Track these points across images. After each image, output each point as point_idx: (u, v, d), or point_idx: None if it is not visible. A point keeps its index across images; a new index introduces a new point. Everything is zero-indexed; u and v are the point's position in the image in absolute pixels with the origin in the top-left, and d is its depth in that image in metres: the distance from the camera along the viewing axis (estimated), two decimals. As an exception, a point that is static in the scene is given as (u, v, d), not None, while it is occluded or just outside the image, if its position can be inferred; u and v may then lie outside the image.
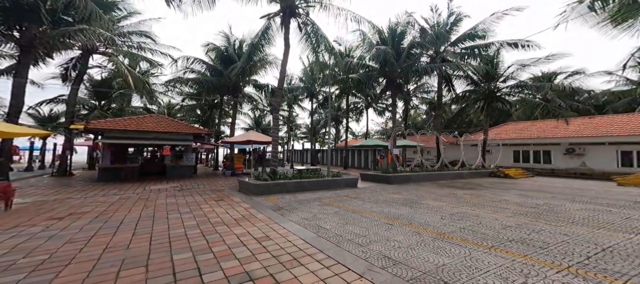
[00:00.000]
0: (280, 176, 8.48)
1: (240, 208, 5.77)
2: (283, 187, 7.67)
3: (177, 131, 12.05)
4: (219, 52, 14.38)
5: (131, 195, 7.49)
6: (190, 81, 13.19)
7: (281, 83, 8.93)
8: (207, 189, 8.81)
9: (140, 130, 11.02)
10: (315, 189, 8.17)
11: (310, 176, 8.67)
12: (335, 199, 6.79)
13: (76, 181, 10.66)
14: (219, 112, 19.37)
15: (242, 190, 8.36)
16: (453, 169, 11.55)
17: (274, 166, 8.52)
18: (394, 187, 8.91)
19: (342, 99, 25.17)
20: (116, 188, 8.76)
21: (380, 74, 11.32)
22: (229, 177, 12.55)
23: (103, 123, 10.63)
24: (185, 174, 12.71)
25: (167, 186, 9.54)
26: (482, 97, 13.23)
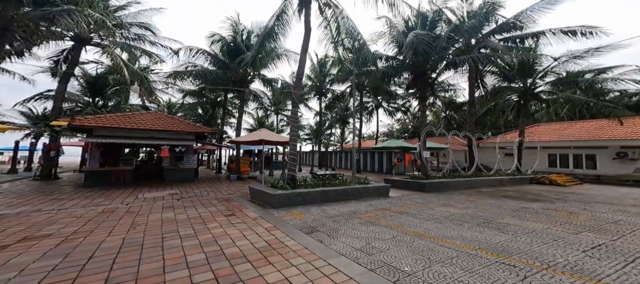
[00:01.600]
0: (300, 183, 7.05)
1: (260, 229, 4.33)
2: (306, 198, 6.24)
3: (178, 129, 10.64)
4: (225, 43, 13.03)
5: (118, 206, 6.04)
6: (193, 73, 11.80)
7: (301, 71, 7.57)
8: (212, 198, 7.37)
9: (135, 128, 9.61)
10: (343, 199, 6.74)
11: (335, 183, 7.24)
12: (376, 214, 5.36)
13: (59, 187, 9.20)
14: (223, 110, 17.99)
15: (254, 199, 6.92)
16: (488, 175, 10.13)
17: (293, 171, 7.10)
18: (434, 197, 7.47)
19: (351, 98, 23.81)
20: (103, 196, 7.30)
21: (408, 67, 9.96)
22: (235, 182, 11.10)
23: (91, 119, 9.22)
24: (185, 178, 11.25)
25: (164, 193, 8.09)
26: (518, 94, 11.87)
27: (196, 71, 11.59)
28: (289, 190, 6.31)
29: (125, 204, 6.36)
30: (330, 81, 22.33)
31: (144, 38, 13.76)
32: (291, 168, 7.15)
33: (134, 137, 9.56)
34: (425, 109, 9.92)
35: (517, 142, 11.70)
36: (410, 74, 10.24)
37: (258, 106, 25.93)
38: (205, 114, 22.21)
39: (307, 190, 6.39)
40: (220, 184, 10.46)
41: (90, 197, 7.10)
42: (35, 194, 7.62)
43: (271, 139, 7.61)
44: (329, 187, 6.80)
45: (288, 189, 6.39)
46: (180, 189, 8.90)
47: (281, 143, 9.00)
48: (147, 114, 11.81)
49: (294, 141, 7.35)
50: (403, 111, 22.89)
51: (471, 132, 10.38)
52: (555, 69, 11.25)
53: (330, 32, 9.63)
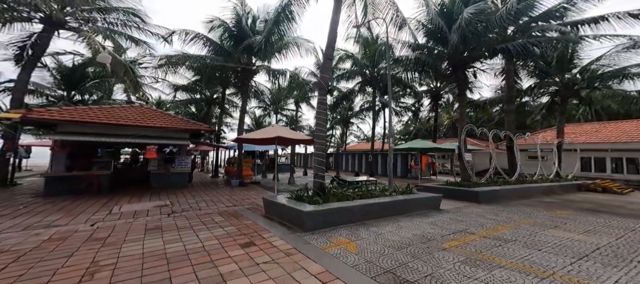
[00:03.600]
0: (333, 193, 5.40)
1: (304, 275, 2.65)
2: (346, 215, 4.58)
3: (168, 126, 8.77)
4: (226, 28, 11.26)
5: (78, 228, 4.18)
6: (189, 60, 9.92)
7: (331, 50, 5.99)
8: (214, 212, 5.59)
9: (113, 123, 7.68)
10: (389, 214, 5.13)
11: (374, 193, 5.63)
12: (464, 243, 3.75)
13: (12, 196, 7.11)
14: (221, 107, 16.10)
15: (271, 215, 5.21)
16: (534, 181, 8.78)
17: (321, 177, 5.44)
18: (500, 210, 5.92)
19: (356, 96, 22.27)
20: (62, 210, 5.37)
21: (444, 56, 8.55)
22: (237, 189, 9.30)
23: (54, 112, 7.24)
24: (177, 184, 9.33)
25: (150, 204, 6.22)
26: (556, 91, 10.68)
27: (193, 56, 9.74)
28: (322, 204, 4.64)
29: (91, 223, 4.49)
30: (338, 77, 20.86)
31: (130, 24, 11.82)
32: (318, 173, 5.49)
33: (111, 135, 7.63)
34: (464, 104, 8.53)
35: (556, 143, 10.52)
36: (448, 64, 8.83)
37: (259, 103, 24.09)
38: (200, 112, 20.17)
39: (347, 204, 4.73)
40: (220, 192, 8.63)
41: (44, 213, 5.16)
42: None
43: (290, 137, 5.99)
44: (371, 200, 5.18)
45: (319, 202, 4.72)
46: (171, 199, 7.04)
47: (303, 142, 7.37)
48: (130, 108, 9.85)
49: (322, 139, 5.72)
50: (413, 110, 21.66)
51: (511, 131, 9.07)
52: (603, 62, 10.15)
53: (354, 13, 8.17)
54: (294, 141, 7.03)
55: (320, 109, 5.82)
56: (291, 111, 27.08)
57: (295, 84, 13.49)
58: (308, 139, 7.00)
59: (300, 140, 6.93)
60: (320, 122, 5.70)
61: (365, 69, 17.97)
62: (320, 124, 5.71)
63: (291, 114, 26.30)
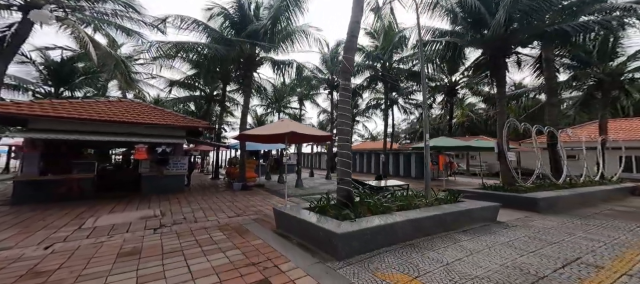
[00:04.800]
0: (363, 202, 4.23)
1: None
2: (388, 234, 3.40)
3: (160, 122, 7.64)
4: (227, 16, 10.14)
5: (26, 253, 3.03)
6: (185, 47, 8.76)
7: (356, 26, 4.84)
8: (213, 226, 4.43)
9: (94, 119, 6.55)
10: (441, 230, 3.95)
11: (414, 203, 4.44)
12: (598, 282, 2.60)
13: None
14: (221, 105, 14.99)
15: (286, 232, 4.05)
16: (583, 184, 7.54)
17: (347, 183, 4.26)
18: (583, 224, 4.67)
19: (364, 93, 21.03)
20: (21, 225, 4.23)
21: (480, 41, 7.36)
22: (240, 194, 8.15)
23: (24, 106, 6.11)
24: (172, 188, 8.19)
25: (135, 215, 5.07)
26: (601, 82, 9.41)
27: (190, 43, 8.59)
28: (355, 220, 3.47)
29: (46, 245, 3.34)
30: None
31: (121, 14, 10.70)
32: (344, 178, 4.30)
33: (91, 132, 6.50)
34: (504, 96, 7.34)
35: (600, 140, 9.30)
36: (484, 52, 7.63)
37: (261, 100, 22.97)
38: (199, 110, 19.07)
39: (388, 220, 3.55)
40: (220, 197, 7.48)
41: (17, 227, 4.01)
42: None
43: (306, 133, 4.86)
44: (416, 213, 4.00)
45: (350, 217, 3.54)
46: (163, 207, 5.89)
47: (322, 138, 6.20)
48: (116, 103, 8.74)
49: (347, 135, 4.55)
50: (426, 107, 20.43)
51: (555, 127, 7.88)
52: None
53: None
54: (311, 137, 5.87)
55: (344, 97, 4.65)
56: (294, 109, 25.98)
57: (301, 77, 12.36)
58: (327, 135, 5.83)
59: (318, 136, 5.77)
60: (344, 114, 4.54)
61: (376, 63, 16.82)
62: (344, 116, 4.55)
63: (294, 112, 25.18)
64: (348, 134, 4.56)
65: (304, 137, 5.85)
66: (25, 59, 12.28)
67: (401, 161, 16.30)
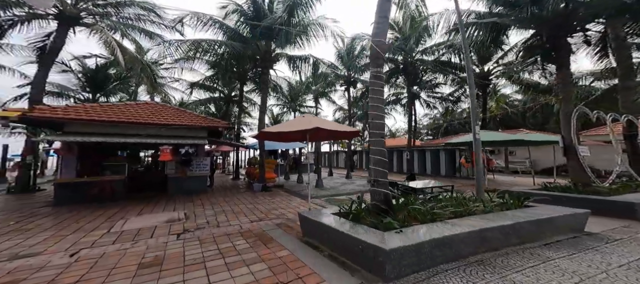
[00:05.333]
0: (403, 205, 3.63)
1: None
2: (446, 248, 2.77)
3: (183, 123, 7.67)
4: (242, 12, 9.97)
5: (52, 260, 2.95)
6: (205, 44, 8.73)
7: (388, 4, 4.19)
8: (235, 232, 4.15)
9: (122, 121, 6.70)
10: (515, 242, 3.20)
11: (472, 209, 3.71)
12: None
13: (21, 204, 6.48)
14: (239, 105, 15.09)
15: (315, 241, 3.60)
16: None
17: (383, 185, 3.67)
18: None
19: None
20: (55, 228, 4.33)
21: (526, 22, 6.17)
22: (261, 196, 7.94)
23: (60, 110, 6.43)
24: (195, 189, 8.26)
25: (161, 218, 5.01)
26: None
27: (209, 40, 8.54)
28: (401, 232, 2.89)
29: (72, 252, 3.27)
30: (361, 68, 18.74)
31: (144, 18, 11.18)
32: (379, 179, 3.72)
33: (120, 135, 6.66)
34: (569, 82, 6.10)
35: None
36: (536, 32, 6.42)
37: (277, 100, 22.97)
38: (219, 111, 19.56)
39: (448, 232, 2.90)
40: (241, 199, 7.32)
41: (31, 232, 4.13)
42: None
43: (333, 129, 4.38)
44: (479, 221, 3.30)
45: (393, 226, 2.97)
46: (187, 209, 5.83)
47: (349, 134, 5.66)
48: (143, 105, 9.00)
49: (380, 129, 3.95)
50: (453, 100, 18.76)
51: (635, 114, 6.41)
52: None
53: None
54: (336, 133, 5.34)
55: (376, 86, 4.03)
56: (310, 107, 25.63)
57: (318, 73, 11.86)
58: (353, 131, 5.25)
59: (343, 132, 5.21)
60: (376, 106, 3.94)
61: (397, 55, 15.72)
62: (376, 108, 3.94)
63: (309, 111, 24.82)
64: (381, 129, 3.95)
65: (328, 134, 5.34)
66: (65, 67, 13.41)
67: (428, 158, 15.10)
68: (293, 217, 5.31)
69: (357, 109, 26.07)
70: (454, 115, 29.57)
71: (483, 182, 4.50)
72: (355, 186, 10.56)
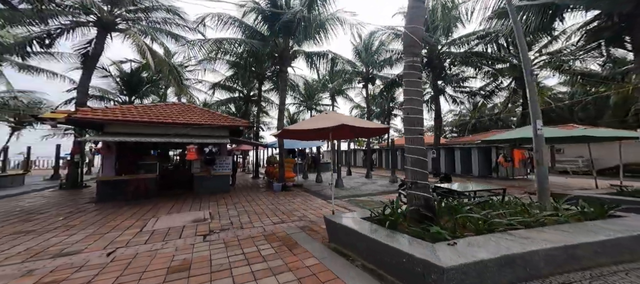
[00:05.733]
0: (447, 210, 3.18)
1: None
2: (518, 267, 2.29)
3: (207, 122, 7.86)
4: (259, 10, 9.94)
5: (90, 259, 3.06)
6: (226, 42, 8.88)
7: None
8: (258, 234, 4.04)
9: (154, 121, 7.04)
10: (607, 262, 2.59)
11: (538, 217, 3.14)
12: None
13: (68, 200, 7.16)
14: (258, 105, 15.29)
15: (345, 249, 3.32)
16: None
17: (423, 189, 3.23)
18: None
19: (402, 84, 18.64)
20: (96, 224, 4.62)
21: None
22: (281, 195, 7.88)
23: (100, 111, 6.92)
24: (219, 188, 8.48)
25: (187, 218, 5.13)
26: None
27: (229, 40, 8.66)
28: (455, 245, 2.46)
29: (109, 251, 3.39)
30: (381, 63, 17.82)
31: (170, 22, 11.80)
32: (418, 181, 3.28)
33: (152, 134, 7.00)
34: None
35: None
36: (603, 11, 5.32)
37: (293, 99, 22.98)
38: (238, 111, 20.14)
39: (522, 248, 2.39)
40: (262, 198, 7.31)
41: (75, 228, 4.45)
42: (19, 216, 5.40)
43: (360, 126, 4.03)
44: (554, 232, 2.75)
45: (443, 236, 2.56)
46: (212, 209, 5.94)
47: (379, 131, 5.26)
48: (171, 104, 9.44)
49: (417, 124, 3.49)
50: (484, 94, 17.07)
51: None
52: None
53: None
54: (364, 131, 4.95)
55: (412, 78, 3.56)
56: (326, 105, 25.27)
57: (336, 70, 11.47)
58: (383, 128, 4.80)
59: (375, 129, 4.79)
60: (413, 99, 3.48)
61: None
62: (413, 101, 3.48)
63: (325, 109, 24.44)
64: (420, 124, 3.49)
65: (354, 131, 4.98)
66: (105, 72, 14.71)
67: (457, 156, 13.93)
68: (316, 219, 5.11)
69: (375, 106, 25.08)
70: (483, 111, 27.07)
71: (546, 186, 3.80)
72: (376, 186, 10.07)
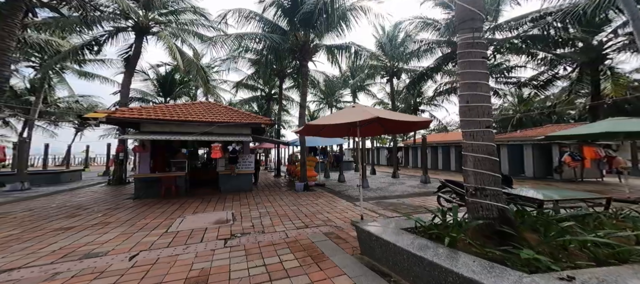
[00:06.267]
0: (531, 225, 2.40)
1: None
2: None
3: (231, 120, 7.85)
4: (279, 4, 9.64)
5: (113, 263, 2.99)
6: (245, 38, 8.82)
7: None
8: (280, 240, 3.67)
9: (182, 120, 7.21)
10: None
11: None
12: None
13: (110, 196, 7.77)
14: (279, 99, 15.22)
15: (374, 261, 2.76)
16: None
17: (497, 200, 2.46)
18: None
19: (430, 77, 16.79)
20: (126, 224, 4.77)
21: None
22: (303, 196, 7.54)
23: (135, 110, 7.32)
24: (242, 186, 8.50)
25: (212, 218, 5.05)
26: None
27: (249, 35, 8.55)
28: (569, 281, 1.73)
29: (132, 255, 3.33)
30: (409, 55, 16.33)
31: (196, 23, 12.29)
32: (486, 186, 2.50)
33: (181, 133, 7.18)
34: None
35: None
36: None
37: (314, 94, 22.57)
38: (260, 109, 20.49)
39: None
40: (284, 199, 7.03)
41: (108, 227, 4.62)
42: (67, 211, 5.90)
43: (400, 120, 3.32)
44: None
45: (542, 264, 1.83)
46: (234, 210, 5.83)
47: (418, 125, 4.46)
48: (197, 104, 9.71)
49: (484, 114, 2.68)
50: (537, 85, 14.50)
51: None
52: None
53: None
54: (405, 125, 4.16)
55: (471, 57, 2.75)
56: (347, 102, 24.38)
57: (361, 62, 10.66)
58: (425, 120, 3.89)
59: (416, 123, 3.97)
60: (475, 84, 2.68)
61: (455, 37, 12.97)
62: (477, 85, 2.68)
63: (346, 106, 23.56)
64: (487, 114, 2.68)
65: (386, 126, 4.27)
66: (145, 75, 16.08)
67: (503, 155, 12.11)
68: (342, 224, 4.62)
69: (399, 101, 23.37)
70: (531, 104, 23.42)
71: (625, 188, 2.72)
72: (406, 187, 9.17)
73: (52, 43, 12.19)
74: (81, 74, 16.11)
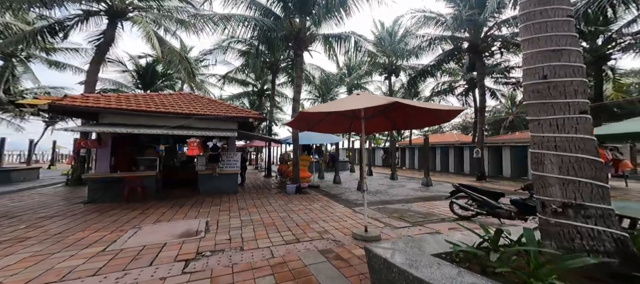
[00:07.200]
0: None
1: None
2: None
3: (213, 114, 6.74)
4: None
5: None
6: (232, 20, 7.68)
7: None
8: (264, 268, 2.61)
9: (154, 111, 6.03)
10: None
11: None
12: None
13: (63, 199, 6.43)
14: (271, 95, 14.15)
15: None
16: None
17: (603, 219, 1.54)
18: None
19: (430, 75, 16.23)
20: (60, 234, 3.57)
21: None
22: (295, 199, 6.52)
23: (92, 98, 6.05)
24: (225, 188, 7.35)
25: (177, 230, 3.92)
26: None
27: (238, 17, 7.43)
28: None
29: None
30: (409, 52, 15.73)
31: (182, 10, 11.07)
32: (584, 202, 1.58)
33: (151, 126, 5.99)
34: None
35: None
36: None
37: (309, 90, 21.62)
38: (252, 105, 19.31)
39: None
40: (273, 204, 5.97)
41: (23, 243, 3.41)
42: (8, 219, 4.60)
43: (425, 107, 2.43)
44: None
45: None
46: (209, 217, 4.72)
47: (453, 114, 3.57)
48: (175, 94, 8.50)
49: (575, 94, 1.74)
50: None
51: None
52: None
53: None
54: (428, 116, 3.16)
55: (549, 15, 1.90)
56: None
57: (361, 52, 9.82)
58: (457, 110, 2.91)
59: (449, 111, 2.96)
60: (558, 50, 1.78)
61: (459, 32, 12.45)
62: (559, 53, 1.79)
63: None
64: (580, 94, 1.77)
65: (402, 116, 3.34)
66: (123, 66, 14.56)
67: (505, 156, 11.57)
68: (341, 237, 3.65)
69: (399, 100, 22.71)
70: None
71: None
72: (407, 190, 8.35)
73: (12, 26, 10.62)
74: (51, 64, 14.42)
